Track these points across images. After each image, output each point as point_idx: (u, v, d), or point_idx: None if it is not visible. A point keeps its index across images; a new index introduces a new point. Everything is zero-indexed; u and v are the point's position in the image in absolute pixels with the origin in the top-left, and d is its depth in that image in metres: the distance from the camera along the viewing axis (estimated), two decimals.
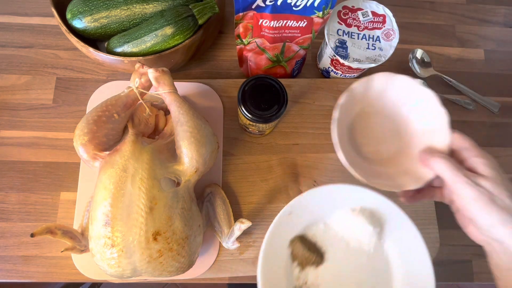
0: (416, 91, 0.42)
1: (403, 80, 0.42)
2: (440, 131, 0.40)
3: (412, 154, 0.42)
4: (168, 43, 0.46)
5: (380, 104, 0.44)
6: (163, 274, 0.37)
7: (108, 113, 0.40)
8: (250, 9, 0.41)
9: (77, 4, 0.47)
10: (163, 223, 0.36)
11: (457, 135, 0.38)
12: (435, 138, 0.40)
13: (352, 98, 0.42)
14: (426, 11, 0.62)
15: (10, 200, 0.49)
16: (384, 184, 0.40)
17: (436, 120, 0.41)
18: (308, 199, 0.42)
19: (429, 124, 0.42)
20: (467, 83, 0.58)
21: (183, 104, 0.41)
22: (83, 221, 0.42)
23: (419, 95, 0.42)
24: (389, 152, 0.44)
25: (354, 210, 0.42)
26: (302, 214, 0.42)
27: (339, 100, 0.41)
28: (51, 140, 0.51)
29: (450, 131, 0.39)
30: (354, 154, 0.43)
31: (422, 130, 0.43)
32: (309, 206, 0.42)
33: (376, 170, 0.43)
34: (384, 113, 0.44)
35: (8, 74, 0.54)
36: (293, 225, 0.42)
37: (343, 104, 0.41)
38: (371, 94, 0.43)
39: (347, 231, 0.43)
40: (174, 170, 0.40)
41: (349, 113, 0.44)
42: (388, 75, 0.42)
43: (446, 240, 0.50)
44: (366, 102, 0.44)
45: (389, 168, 0.43)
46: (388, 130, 0.44)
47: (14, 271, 0.46)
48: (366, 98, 0.43)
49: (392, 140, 0.44)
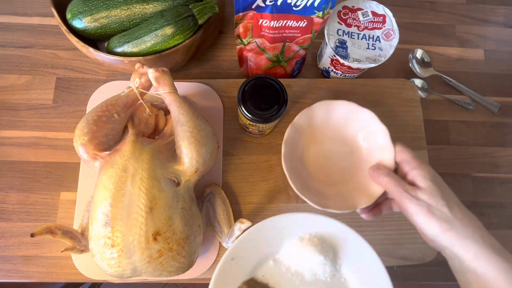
0: (356, 113, 0.45)
1: (341, 104, 0.45)
2: (385, 147, 0.43)
3: (363, 172, 0.44)
4: (168, 43, 0.46)
5: (328, 129, 0.48)
6: (163, 274, 0.37)
7: (108, 113, 0.40)
8: (250, 9, 0.41)
9: (77, 4, 0.47)
10: (163, 223, 0.36)
11: (398, 148, 0.40)
12: (383, 154, 0.42)
13: (297, 131, 0.46)
14: (426, 11, 0.62)
15: (10, 200, 0.49)
16: (338, 206, 0.42)
17: (380, 137, 0.44)
18: (252, 237, 0.39)
19: (375, 142, 0.44)
20: (467, 83, 0.58)
21: (183, 104, 0.41)
22: (83, 221, 0.42)
23: (360, 116, 0.45)
24: (343, 173, 0.47)
25: (302, 240, 0.40)
26: (247, 255, 0.39)
27: (284, 136, 0.44)
28: (51, 140, 0.51)
29: (392, 147, 0.41)
30: (309, 180, 0.46)
31: (370, 147, 0.46)
32: (254, 244, 0.39)
33: (330, 192, 0.45)
34: (334, 137, 0.47)
35: (8, 74, 0.54)
36: (238, 271, 0.39)
37: (288, 139, 0.45)
38: (316, 122, 0.47)
39: (299, 264, 0.40)
40: (174, 170, 0.40)
41: (298, 144, 0.47)
42: (326, 102, 0.46)
43: None
44: (313, 130, 0.47)
45: (343, 187, 0.45)
46: (340, 152, 0.47)
47: (14, 271, 0.46)
48: (311, 128, 0.47)
49: (344, 160, 0.47)
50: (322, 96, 0.54)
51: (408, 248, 0.49)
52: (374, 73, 0.58)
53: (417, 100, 0.55)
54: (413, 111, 0.54)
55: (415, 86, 0.55)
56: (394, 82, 0.55)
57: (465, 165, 0.55)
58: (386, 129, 0.43)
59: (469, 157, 0.55)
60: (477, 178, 0.54)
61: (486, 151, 0.50)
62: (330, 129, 0.47)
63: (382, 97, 0.54)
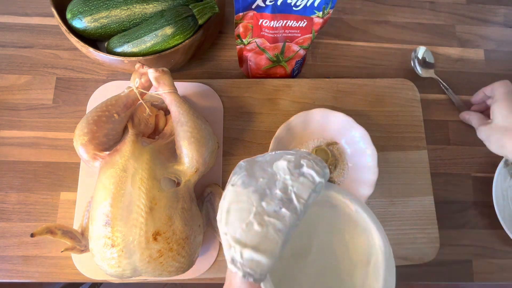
0: (351, 128, 0.47)
1: (339, 116, 0.47)
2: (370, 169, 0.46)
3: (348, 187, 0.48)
4: (168, 43, 0.46)
5: (320, 138, 0.49)
6: (163, 274, 0.37)
7: (108, 113, 0.40)
8: (250, 9, 0.41)
9: (77, 4, 0.47)
10: (163, 223, 0.36)
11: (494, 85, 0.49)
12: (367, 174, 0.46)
13: (290, 132, 0.47)
14: (426, 11, 0.62)
15: (10, 200, 0.49)
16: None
17: (369, 157, 0.46)
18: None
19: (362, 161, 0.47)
20: (467, 83, 0.58)
21: (183, 104, 0.41)
22: (83, 221, 0.42)
23: (353, 133, 0.47)
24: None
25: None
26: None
27: (276, 133, 0.46)
28: (51, 140, 0.51)
29: (377, 169, 0.45)
30: None
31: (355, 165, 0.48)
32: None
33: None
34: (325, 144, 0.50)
35: (8, 74, 0.54)
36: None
37: (278, 137, 0.46)
38: (310, 128, 0.48)
39: None
40: (174, 170, 0.40)
41: (288, 146, 0.48)
42: (325, 111, 0.47)
43: (446, 240, 0.50)
44: (306, 135, 0.49)
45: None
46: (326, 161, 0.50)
47: (14, 271, 0.46)
48: (305, 132, 0.48)
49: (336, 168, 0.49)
50: (322, 96, 0.54)
51: (408, 248, 0.49)
52: (374, 73, 0.58)
53: (417, 100, 0.55)
54: (413, 111, 0.54)
55: (415, 86, 0.55)
56: (394, 82, 0.55)
57: (465, 165, 0.55)
58: (376, 152, 0.46)
59: (469, 157, 0.55)
60: (477, 178, 0.54)
61: (486, 151, 0.50)
62: (321, 138, 0.49)
63: (382, 97, 0.54)
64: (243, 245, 0.26)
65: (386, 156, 0.52)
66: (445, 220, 0.51)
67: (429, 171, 0.52)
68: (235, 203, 0.28)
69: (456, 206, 0.53)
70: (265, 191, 0.28)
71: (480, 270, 0.51)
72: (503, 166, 0.52)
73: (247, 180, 0.29)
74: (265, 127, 0.52)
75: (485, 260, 0.51)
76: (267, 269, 0.26)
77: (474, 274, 0.51)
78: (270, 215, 0.27)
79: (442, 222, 0.50)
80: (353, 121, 0.47)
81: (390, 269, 0.29)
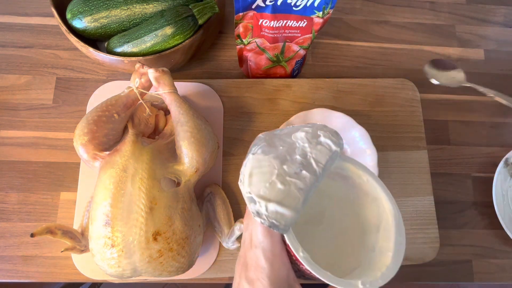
0: (351, 128, 0.47)
1: (339, 117, 0.47)
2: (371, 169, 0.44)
3: None
4: (168, 43, 0.46)
5: None
6: (163, 274, 0.37)
7: (108, 113, 0.40)
8: (250, 9, 0.41)
9: (77, 4, 0.47)
10: (163, 223, 0.36)
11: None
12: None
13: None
14: (426, 11, 0.62)
15: (10, 200, 0.49)
16: None
17: (368, 156, 0.46)
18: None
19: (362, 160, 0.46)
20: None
21: (183, 104, 0.41)
22: (83, 221, 0.42)
23: (353, 132, 0.47)
24: None
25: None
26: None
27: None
28: (51, 140, 0.51)
29: (377, 169, 0.45)
30: None
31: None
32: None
33: None
34: None
35: (8, 74, 0.54)
36: None
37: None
38: None
39: None
40: (174, 170, 0.40)
41: None
42: (326, 111, 0.47)
43: (446, 240, 0.50)
44: None
45: None
46: None
47: (14, 271, 0.46)
48: None
49: None
50: (322, 96, 0.54)
51: (408, 248, 0.49)
52: (374, 73, 0.58)
53: (417, 100, 0.55)
54: (413, 111, 0.54)
55: (415, 86, 0.55)
56: (394, 82, 0.55)
57: (465, 165, 0.55)
58: (376, 152, 0.46)
59: (469, 157, 0.55)
60: (477, 178, 0.54)
61: (486, 151, 0.50)
62: None
63: (382, 97, 0.54)
64: (267, 200, 0.28)
65: (386, 156, 0.52)
66: (445, 220, 0.51)
67: (429, 171, 0.52)
68: (257, 168, 0.29)
69: (456, 206, 0.53)
70: (286, 157, 0.30)
71: (480, 270, 0.51)
72: (503, 166, 0.52)
73: (267, 149, 0.30)
74: (265, 127, 0.52)
75: (485, 260, 0.51)
76: (290, 221, 0.28)
77: (474, 274, 0.51)
78: (292, 176, 0.28)
79: (442, 222, 0.50)
80: (353, 121, 0.47)
81: (400, 230, 0.30)
